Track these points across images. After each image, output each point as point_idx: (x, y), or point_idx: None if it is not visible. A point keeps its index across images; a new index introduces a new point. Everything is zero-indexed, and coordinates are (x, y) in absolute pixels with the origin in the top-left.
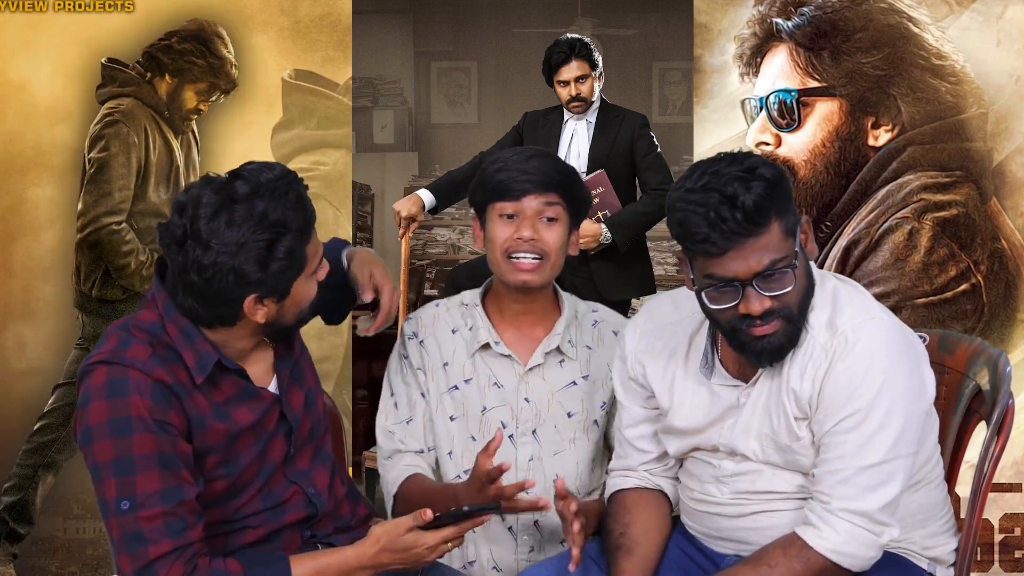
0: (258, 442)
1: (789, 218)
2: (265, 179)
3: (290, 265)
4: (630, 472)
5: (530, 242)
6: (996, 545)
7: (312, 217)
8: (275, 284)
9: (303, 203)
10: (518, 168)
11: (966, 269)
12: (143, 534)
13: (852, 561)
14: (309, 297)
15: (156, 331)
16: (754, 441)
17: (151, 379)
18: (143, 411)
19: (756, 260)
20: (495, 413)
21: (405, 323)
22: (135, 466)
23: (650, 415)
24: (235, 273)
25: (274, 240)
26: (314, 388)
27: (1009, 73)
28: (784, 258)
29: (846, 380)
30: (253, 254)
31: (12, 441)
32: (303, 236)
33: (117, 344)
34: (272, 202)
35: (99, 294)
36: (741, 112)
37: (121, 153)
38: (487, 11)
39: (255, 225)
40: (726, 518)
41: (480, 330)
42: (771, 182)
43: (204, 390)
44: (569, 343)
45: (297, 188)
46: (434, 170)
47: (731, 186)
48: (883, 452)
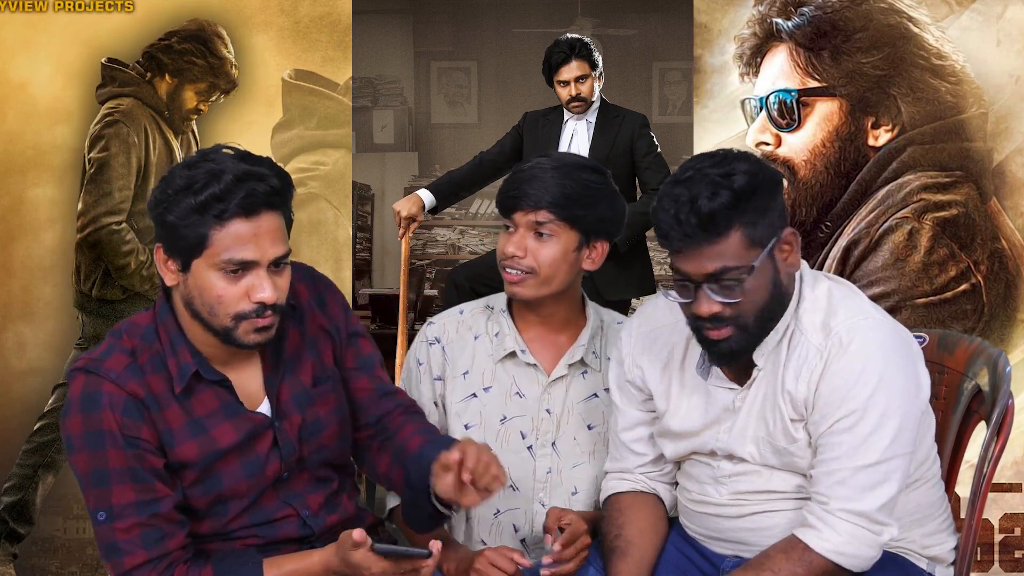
0: (246, 463)
1: (759, 229)
2: (252, 155)
3: (198, 210)
4: (626, 475)
5: (512, 259)
6: (996, 545)
7: (254, 201)
8: (176, 227)
9: (262, 180)
10: (521, 182)
11: (966, 269)
12: (118, 545)
13: (853, 561)
14: (214, 292)
15: (148, 336)
16: (751, 445)
17: (124, 393)
18: (114, 426)
19: (709, 264)
20: (515, 423)
21: (427, 328)
22: (110, 478)
23: (645, 418)
24: (156, 192)
25: (208, 179)
26: (329, 415)
27: (1009, 73)
28: (739, 268)
29: (841, 380)
30: (181, 182)
31: (12, 441)
32: (233, 195)
33: (102, 351)
34: (234, 160)
35: (99, 294)
36: (741, 112)
37: (121, 153)
38: (487, 11)
39: (203, 163)
40: (725, 519)
41: (507, 337)
42: (739, 192)
43: (182, 402)
44: (593, 354)
45: (273, 173)
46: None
47: (699, 188)
48: (880, 452)
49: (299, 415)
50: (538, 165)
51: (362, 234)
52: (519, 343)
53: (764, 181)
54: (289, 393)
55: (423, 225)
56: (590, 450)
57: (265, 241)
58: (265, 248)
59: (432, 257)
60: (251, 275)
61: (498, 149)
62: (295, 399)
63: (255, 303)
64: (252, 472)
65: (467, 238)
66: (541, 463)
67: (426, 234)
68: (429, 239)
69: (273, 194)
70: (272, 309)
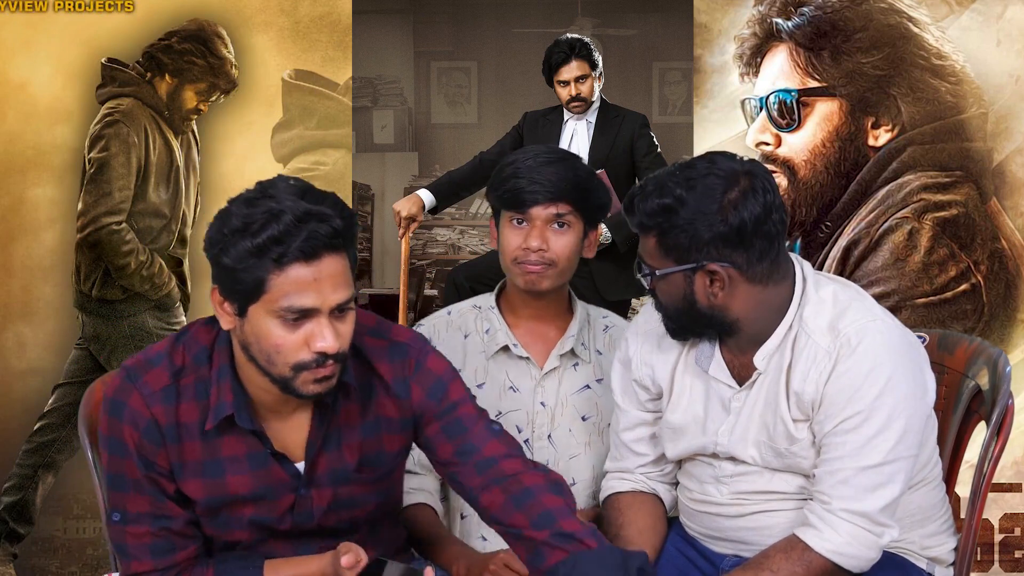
0: (255, 516)
1: (680, 251)
2: (314, 190)
3: (255, 253)
4: (626, 475)
5: (538, 252)
6: (996, 545)
7: (315, 244)
8: (233, 270)
9: (324, 221)
10: (529, 176)
11: (966, 269)
12: (128, 548)
13: (853, 562)
14: (272, 341)
15: (201, 357)
16: (752, 448)
17: (149, 414)
18: (132, 443)
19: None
20: (511, 417)
21: (416, 330)
22: (126, 486)
23: (647, 418)
24: (212, 230)
25: (266, 220)
26: (368, 496)
27: (1009, 73)
28: (649, 266)
29: (848, 381)
30: (238, 222)
31: (12, 441)
32: (293, 238)
33: (154, 356)
34: (294, 198)
35: (99, 294)
36: (741, 112)
37: (121, 153)
38: (487, 11)
39: (262, 200)
40: (725, 518)
41: (498, 332)
42: (664, 209)
43: (210, 438)
44: (583, 346)
45: (337, 212)
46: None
47: (654, 184)
48: (884, 453)
49: (331, 489)
50: (538, 157)
51: (362, 234)
52: (510, 337)
53: (701, 206)
54: (327, 466)
55: (423, 225)
56: (586, 441)
57: (327, 286)
58: (327, 294)
59: (432, 257)
60: (312, 322)
61: (498, 149)
62: (331, 474)
63: (315, 353)
64: (260, 524)
65: (467, 238)
66: (538, 456)
67: (426, 234)
68: (429, 239)
69: (336, 236)
70: (334, 358)
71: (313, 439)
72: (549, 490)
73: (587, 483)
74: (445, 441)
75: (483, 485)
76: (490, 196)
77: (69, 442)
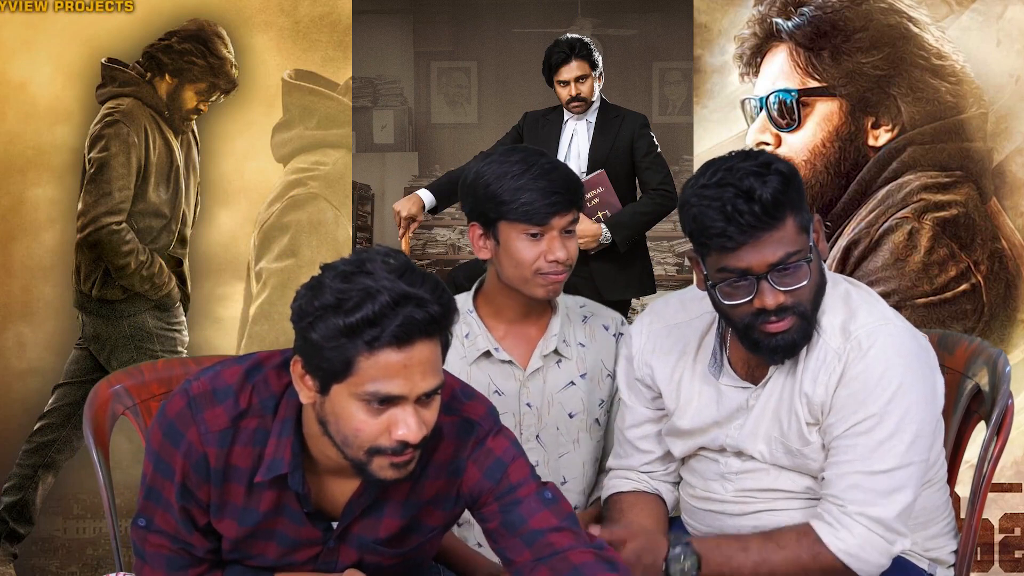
0: (279, 554)
1: (803, 214)
2: (414, 270)
3: (346, 333)
4: (629, 473)
5: (566, 262)
6: (996, 545)
7: (410, 330)
8: (320, 347)
9: (421, 306)
10: (540, 188)
11: (966, 269)
12: (145, 554)
13: (863, 566)
14: (352, 424)
15: (269, 404)
16: (762, 443)
17: (202, 451)
18: (179, 472)
19: (771, 252)
20: None
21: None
22: (160, 502)
23: (653, 416)
24: (302, 301)
25: (361, 299)
26: (396, 562)
27: (1009, 73)
28: (799, 252)
29: (860, 385)
30: (331, 298)
31: (12, 441)
32: (388, 321)
33: (223, 388)
34: (392, 278)
35: (99, 294)
36: (741, 112)
37: (121, 153)
38: (487, 11)
39: (358, 276)
40: (728, 516)
41: (478, 337)
42: (786, 177)
43: (251, 488)
44: (564, 343)
45: (435, 298)
46: (434, 170)
47: (747, 180)
48: (897, 458)
49: (358, 552)
50: (533, 168)
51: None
52: (491, 342)
53: (795, 168)
54: (360, 532)
55: (423, 225)
56: (574, 438)
57: (416, 374)
58: (416, 382)
59: (432, 257)
60: (396, 409)
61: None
62: (361, 540)
63: (396, 441)
64: (283, 561)
65: (467, 238)
66: (529, 457)
67: (426, 234)
68: (429, 239)
69: (432, 322)
70: (414, 447)
71: (354, 506)
72: (598, 568)
73: (578, 480)
74: (497, 514)
75: (530, 564)
76: (484, 207)
77: (69, 442)
